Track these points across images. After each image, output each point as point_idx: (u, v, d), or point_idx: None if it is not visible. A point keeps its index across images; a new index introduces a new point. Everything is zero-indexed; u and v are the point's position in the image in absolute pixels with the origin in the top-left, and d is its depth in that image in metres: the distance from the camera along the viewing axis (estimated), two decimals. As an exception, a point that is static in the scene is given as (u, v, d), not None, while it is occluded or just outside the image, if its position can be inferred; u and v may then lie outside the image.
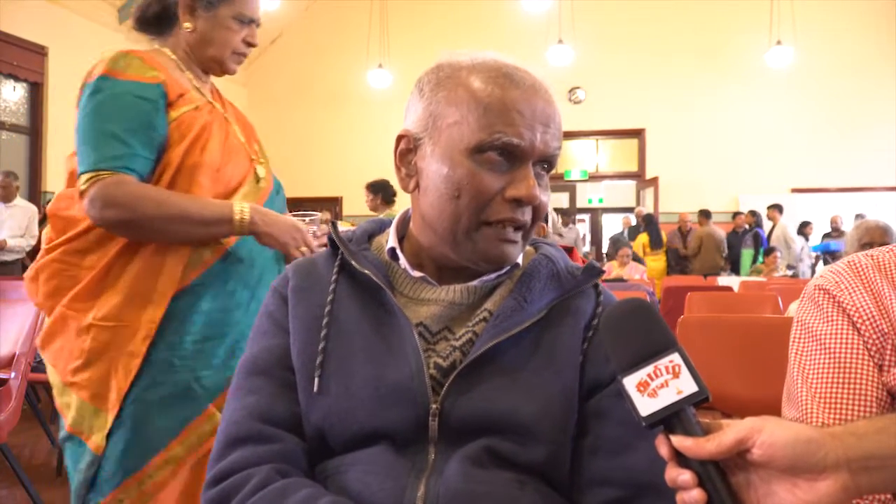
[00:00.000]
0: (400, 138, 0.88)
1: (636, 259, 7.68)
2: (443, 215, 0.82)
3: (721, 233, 9.43)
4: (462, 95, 0.81)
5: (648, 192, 10.89)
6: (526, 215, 0.83)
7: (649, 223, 9.74)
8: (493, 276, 0.87)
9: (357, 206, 8.63)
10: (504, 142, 0.79)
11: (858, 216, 8.86)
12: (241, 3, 1.42)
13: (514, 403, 0.78)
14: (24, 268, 6.96)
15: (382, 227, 0.96)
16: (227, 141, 1.41)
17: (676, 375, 0.64)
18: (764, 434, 0.61)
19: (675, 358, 0.65)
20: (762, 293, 3.92)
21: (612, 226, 12.82)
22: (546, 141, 0.81)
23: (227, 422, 0.81)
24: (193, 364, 1.31)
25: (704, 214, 9.59)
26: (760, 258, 8.79)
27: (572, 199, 12.42)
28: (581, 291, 0.87)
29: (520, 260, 0.88)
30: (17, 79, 8.11)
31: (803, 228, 9.42)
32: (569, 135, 10.49)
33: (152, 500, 1.29)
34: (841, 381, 0.80)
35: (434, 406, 0.79)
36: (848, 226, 9.14)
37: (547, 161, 0.83)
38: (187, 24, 1.41)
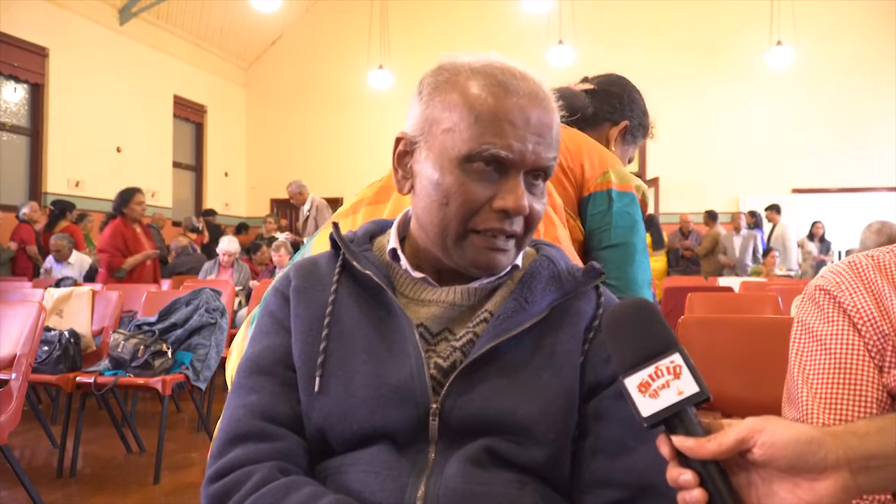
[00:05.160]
0: (398, 140, 0.88)
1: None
2: (433, 221, 0.83)
3: (726, 233, 9.41)
4: (456, 101, 0.81)
5: (649, 193, 10.89)
6: (515, 225, 0.82)
7: (651, 224, 9.72)
8: (492, 277, 0.87)
9: (357, 206, 8.62)
10: (492, 153, 0.79)
11: (815, 222, 8.87)
12: None
13: (514, 404, 0.79)
14: (34, 267, 6.95)
15: (384, 227, 0.96)
16: None
17: (677, 376, 0.64)
18: (765, 434, 0.61)
19: (677, 358, 0.65)
20: (762, 293, 3.92)
21: (613, 226, 12.75)
22: (538, 152, 0.81)
23: (228, 419, 0.81)
24: None
25: (711, 216, 9.53)
26: (759, 259, 8.77)
27: (572, 200, 12.38)
28: (582, 292, 0.87)
29: (520, 261, 0.88)
30: (17, 80, 8.11)
31: (812, 229, 9.34)
32: (569, 135, 10.47)
33: None
34: (841, 381, 0.80)
35: (434, 406, 0.79)
36: (830, 234, 9.08)
37: (541, 171, 0.83)
38: None
